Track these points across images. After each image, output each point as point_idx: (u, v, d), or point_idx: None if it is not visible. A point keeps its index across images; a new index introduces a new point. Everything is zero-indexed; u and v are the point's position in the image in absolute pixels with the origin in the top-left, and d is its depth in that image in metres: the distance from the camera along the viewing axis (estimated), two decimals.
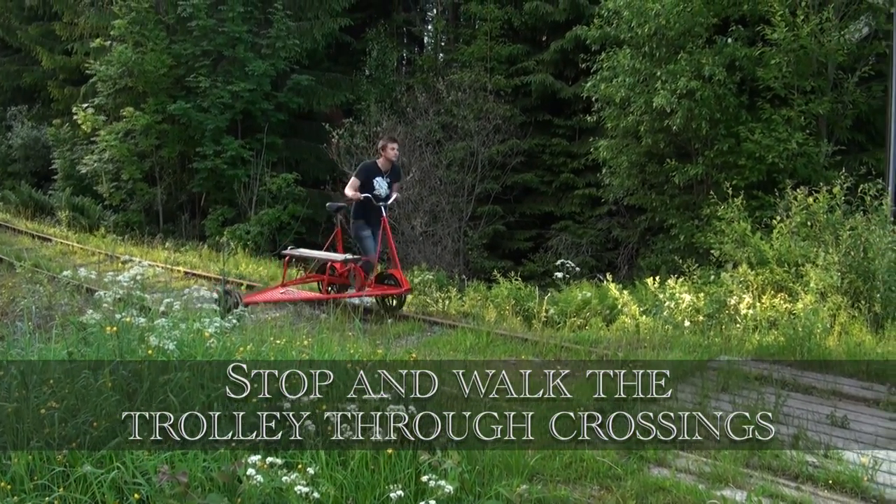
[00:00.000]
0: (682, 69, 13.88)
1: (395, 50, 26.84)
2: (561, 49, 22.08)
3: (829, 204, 10.66)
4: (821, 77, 14.05)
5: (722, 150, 14.09)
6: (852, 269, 9.69)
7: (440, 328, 10.32)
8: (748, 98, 14.51)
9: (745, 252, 10.45)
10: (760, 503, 4.95)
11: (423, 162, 19.77)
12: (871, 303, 9.42)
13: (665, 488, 5.13)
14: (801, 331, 8.50)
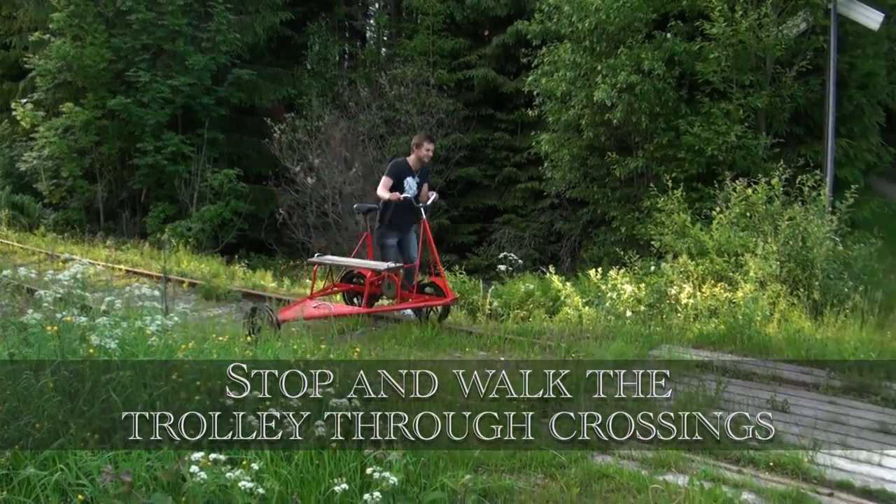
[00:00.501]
0: (622, 64, 14.02)
1: (337, 44, 26.68)
2: (503, 44, 22.15)
3: (768, 195, 10.87)
4: (759, 71, 14.28)
5: (662, 144, 14.26)
6: (791, 258, 9.89)
7: (385, 322, 10.30)
8: (687, 92, 14.71)
9: (685, 243, 10.61)
10: (702, 487, 5.02)
11: (366, 157, 19.67)
12: (810, 290, 9.63)
13: (608, 475, 5.20)
14: (741, 319, 8.68)
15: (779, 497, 5.09)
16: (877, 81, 16.35)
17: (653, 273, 10.44)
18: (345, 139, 19.57)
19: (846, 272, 10.06)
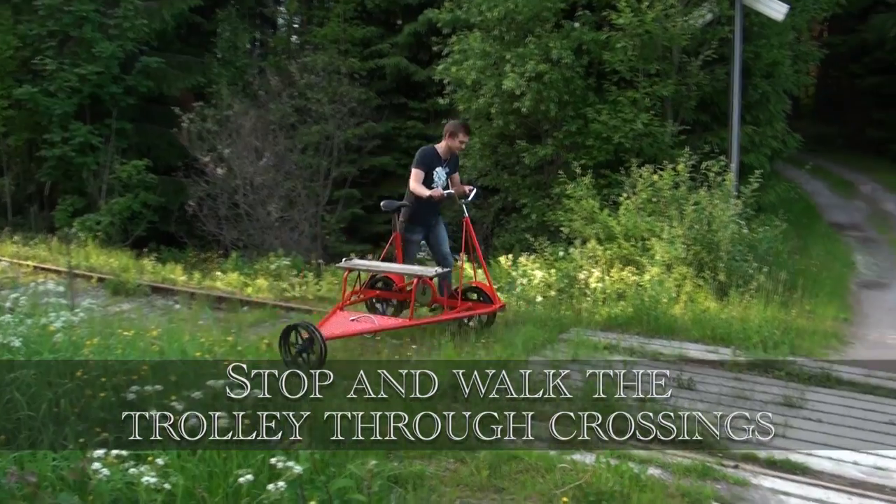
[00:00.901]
0: (531, 52, 14.13)
1: (248, 31, 26.27)
2: (415, 32, 22.15)
3: (674, 181, 11.11)
4: (666, 60, 14.53)
5: (570, 131, 14.44)
6: (697, 242, 10.13)
7: (297, 314, 10.25)
8: (595, 81, 14.91)
9: (593, 228, 10.78)
10: (608, 463, 5.15)
11: (277, 146, 19.44)
12: (716, 272, 9.90)
13: (518, 456, 5.28)
14: (648, 301, 8.89)
15: (684, 470, 5.27)
16: (781, 70, 16.78)
17: (562, 258, 10.58)
18: (255, 128, 19.27)
19: (751, 254, 10.35)
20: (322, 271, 13.15)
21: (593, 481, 4.95)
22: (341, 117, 20.56)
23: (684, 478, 5.23)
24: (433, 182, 8.73)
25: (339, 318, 8.05)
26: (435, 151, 8.88)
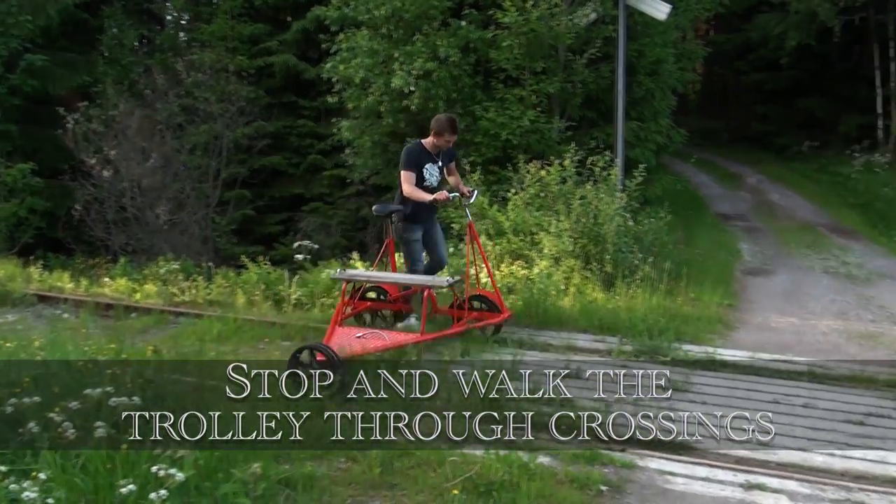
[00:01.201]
0: (419, 51, 14.18)
1: (134, 28, 25.53)
2: (303, 29, 21.93)
3: (562, 176, 11.31)
4: (552, 59, 14.74)
5: (460, 129, 14.49)
6: (584, 235, 10.33)
7: (186, 318, 10.09)
8: (483, 78, 15.03)
9: (483, 224, 10.88)
10: (498, 454, 5.25)
11: (164, 147, 19.04)
12: (603, 264, 10.12)
13: (409, 452, 5.33)
14: (537, 294, 9.03)
15: (572, 457, 5.39)
16: (665, 68, 17.24)
17: (454, 255, 10.65)
18: (141, 129, 18.85)
19: (637, 245, 10.60)
20: (212, 274, 12.95)
21: (483, 472, 5.05)
22: (230, 116, 20.25)
23: (573, 464, 5.37)
24: (425, 180, 8.30)
25: (341, 335, 7.32)
26: (422, 147, 8.39)
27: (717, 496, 5.16)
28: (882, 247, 14.91)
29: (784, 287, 11.68)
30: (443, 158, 8.49)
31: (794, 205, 19.95)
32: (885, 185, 20.26)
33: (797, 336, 9.00)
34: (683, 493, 5.19)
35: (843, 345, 8.75)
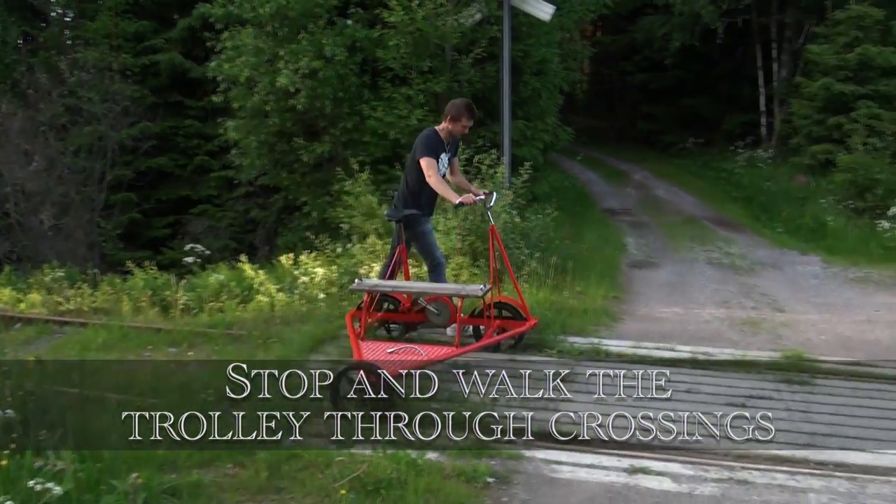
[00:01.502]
0: (304, 49, 14.04)
1: (17, 25, 24.57)
2: (189, 27, 21.35)
3: None
4: (438, 58, 14.78)
5: (347, 128, 14.48)
6: (472, 232, 10.37)
7: (71, 328, 9.82)
8: (370, 78, 15.01)
9: (373, 224, 10.87)
10: (385, 452, 5.30)
11: (48, 149, 18.46)
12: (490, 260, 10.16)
13: (297, 455, 5.32)
14: None
15: (460, 452, 5.43)
16: (551, 68, 17.49)
17: (343, 255, 10.62)
18: (24, 130, 18.24)
19: (524, 241, 10.69)
20: (98, 281, 12.63)
21: (371, 471, 5.06)
22: (114, 117, 19.70)
23: (460, 458, 5.41)
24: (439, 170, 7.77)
25: (371, 350, 6.90)
26: (438, 135, 7.87)
27: (602, 481, 5.27)
28: (764, 238, 15.40)
29: (669, 279, 11.94)
30: (452, 150, 8.06)
31: (680, 200, 20.47)
32: (767, 180, 20.98)
33: (681, 325, 9.23)
34: (570, 481, 5.29)
35: (726, 332, 9.00)
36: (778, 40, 26.50)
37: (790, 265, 13.01)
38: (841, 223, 15.25)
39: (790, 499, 5.16)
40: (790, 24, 26.06)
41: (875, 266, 12.83)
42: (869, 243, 14.12)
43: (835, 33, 20.74)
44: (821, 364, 7.36)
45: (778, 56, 26.45)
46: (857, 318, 9.75)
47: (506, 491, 5.15)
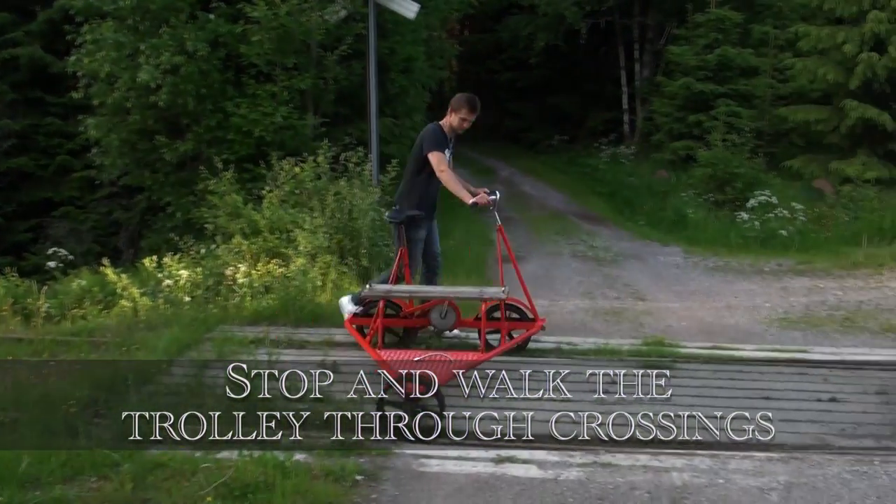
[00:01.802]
0: (166, 44, 13.66)
1: None
2: (49, 20, 20.49)
3: (316, 172, 11.25)
4: (303, 55, 14.63)
5: (210, 126, 14.15)
6: (339, 230, 10.35)
7: None
8: (234, 74, 14.71)
9: (238, 224, 10.67)
10: (252, 456, 5.26)
11: None
12: (359, 258, 10.18)
13: (163, 464, 5.22)
14: (294, 291, 8.98)
15: (327, 451, 5.43)
16: (417, 66, 17.57)
17: (208, 256, 10.42)
18: None
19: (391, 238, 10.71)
20: None
21: (238, 476, 5.01)
22: None
23: (328, 458, 5.40)
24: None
25: (396, 358, 6.63)
26: (442, 130, 7.69)
27: (469, 472, 5.36)
28: (627, 231, 15.83)
29: (535, 272, 12.11)
30: (452, 146, 7.83)
31: (546, 195, 20.86)
32: (630, 175, 21.60)
33: (547, 316, 9.37)
34: (438, 474, 5.35)
35: (590, 322, 9.25)
36: (640, 41, 27.35)
37: (652, 256, 13.42)
38: (701, 215, 15.80)
39: (653, 478, 5.34)
40: (652, 25, 26.93)
41: (734, 255, 13.37)
42: (729, 234, 14.70)
43: (695, 35, 21.54)
44: (681, 349, 7.60)
45: (640, 56, 27.28)
46: (717, 304, 10.16)
47: (375, 487, 5.17)
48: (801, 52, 18.57)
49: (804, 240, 14.03)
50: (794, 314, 9.72)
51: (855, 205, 15.36)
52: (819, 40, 17.58)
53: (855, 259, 12.39)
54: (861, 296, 10.57)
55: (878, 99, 16.84)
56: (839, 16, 17.69)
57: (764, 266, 12.52)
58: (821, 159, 17.82)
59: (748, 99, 20.44)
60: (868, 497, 5.18)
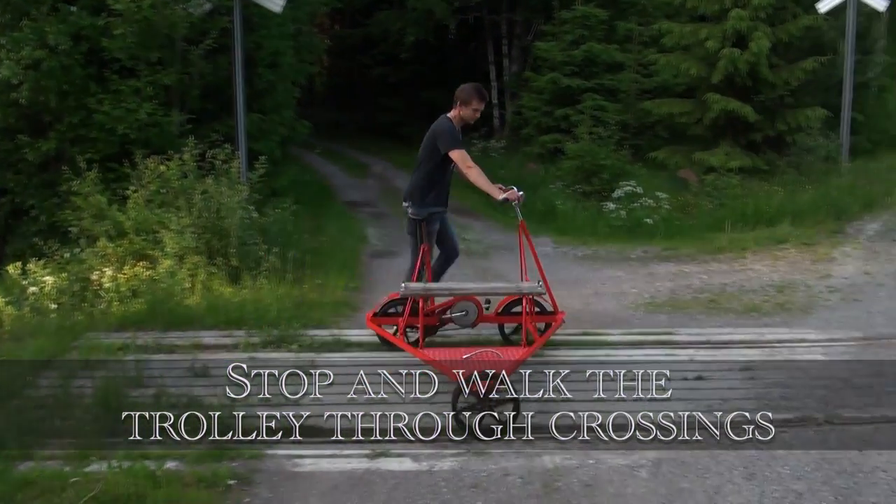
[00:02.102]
0: (27, 38, 13.07)
1: None
2: None
3: (182, 171, 10.99)
4: (168, 49, 14.25)
5: (73, 124, 13.58)
6: (207, 230, 10.13)
7: None
8: (97, 69, 14.19)
9: (103, 226, 10.36)
10: (121, 467, 5.13)
11: None
12: (228, 258, 9.99)
13: (32, 480, 5.11)
14: (162, 294, 8.81)
15: (198, 456, 5.36)
16: (285, 60, 17.36)
17: (73, 260, 10.08)
18: None
19: (262, 237, 10.57)
20: None
21: (108, 489, 4.95)
22: None
23: (200, 464, 5.35)
24: (451, 163, 7.53)
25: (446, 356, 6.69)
26: (453, 123, 7.68)
27: (343, 469, 5.40)
28: (499, 223, 15.97)
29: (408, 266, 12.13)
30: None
31: None
32: (501, 168, 21.75)
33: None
34: (312, 473, 5.38)
35: None
36: (508, 37, 27.68)
37: None
38: (570, 206, 16.11)
39: (525, 463, 5.49)
40: (519, 22, 27.29)
41: (602, 244, 13.71)
42: (596, 223, 15.04)
43: (562, 31, 21.91)
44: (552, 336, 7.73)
45: (509, 52, 27.63)
46: (586, 291, 10.43)
47: (248, 491, 5.15)
48: (665, 48, 19.15)
49: (669, 227, 14.46)
50: (660, 298, 10.09)
51: (718, 193, 15.95)
52: (682, 37, 18.18)
53: (719, 244, 12.87)
54: (725, 279, 11.02)
55: (739, 92, 17.47)
56: (702, 13, 18.34)
57: (630, 254, 12.87)
58: (685, 150, 18.46)
59: (614, 93, 20.93)
60: (735, 468, 5.43)
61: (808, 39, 18.44)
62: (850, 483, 5.29)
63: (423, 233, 7.57)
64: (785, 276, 11.05)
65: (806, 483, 5.28)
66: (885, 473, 5.40)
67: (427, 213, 7.58)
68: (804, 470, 5.44)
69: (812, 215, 14.20)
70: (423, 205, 7.60)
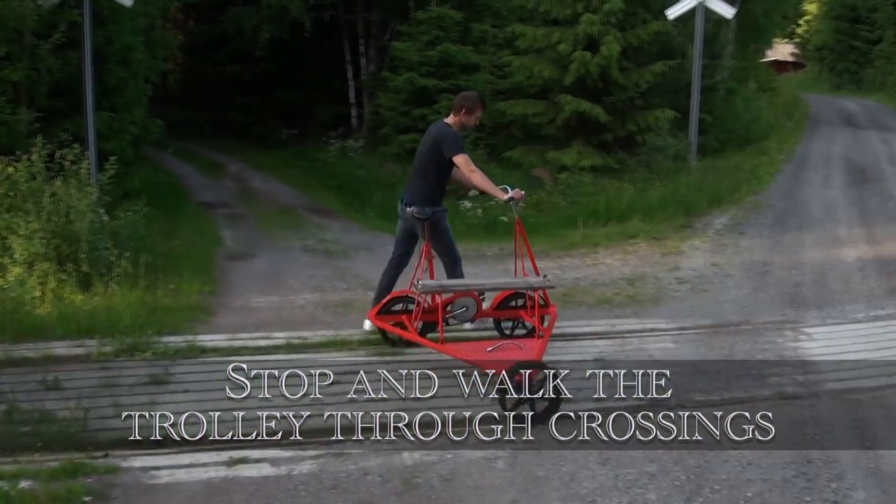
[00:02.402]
0: None
1: None
2: None
3: (31, 172, 10.58)
4: (16, 43, 13.70)
5: None
6: (57, 235, 9.78)
7: None
8: None
9: None
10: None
11: None
12: (79, 264, 9.66)
13: None
14: (11, 304, 8.49)
15: (52, 473, 5.23)
16: (136, 56, 16.87)
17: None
18: None
19: (113, 241, 10.27)
20: None
21: None
22: None
23: (55, 481, 5.22)
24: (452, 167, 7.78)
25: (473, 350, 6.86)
26: (454, 129, 7.84)
27: (201, 479, 5.37)
28: (357, 223, 16.03)
29: (265, 268, 12.07)
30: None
31: (276, 190, 20.72)
32: (359, 168, 21.84)
33: (277, 313, 9.45)
34: (168, 485, 5.32)
35: (321, 315, 9.37)
36: (365, 36, 27.69)
37: (381, 247, 13.63)
38: None
39: (385, 461, 5.59)
40: (376, 21, 27.32)
41: (459, 242, 13.56)
42: (453, 222, 15.14)
43: (418, 32, 22.05)
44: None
45: (366, 51, 27.64)
46: None
47: None
48: (519, 50, 19.57)
49: (524, 225, 14.72)
50: None
51: (571, 190, 16.44)
52: (535, 40, 18.63)
53: (572, 240, 13.29)
54: (578, 273, 11.43)
55: (591, 94, 18.05)
56: (555, 17, 18.84)
57: (487, 251, 13.11)
58: (539, 150, 18.94)
59: None
60: (590, 454, 5.73)
61: (657, 44, 19.26)
62: (701, 462, 5.59)
63: (427, 232, 7.85)
64: (635, 269, 11.53)
65: (658, 465, 5.54)
66: (735, 451, 5.73)
67: (432, 212, 7.84)
68: (656, 452, 5.71)
69: (662, 211, 14.84)
70: (423, 207, 7.83)
